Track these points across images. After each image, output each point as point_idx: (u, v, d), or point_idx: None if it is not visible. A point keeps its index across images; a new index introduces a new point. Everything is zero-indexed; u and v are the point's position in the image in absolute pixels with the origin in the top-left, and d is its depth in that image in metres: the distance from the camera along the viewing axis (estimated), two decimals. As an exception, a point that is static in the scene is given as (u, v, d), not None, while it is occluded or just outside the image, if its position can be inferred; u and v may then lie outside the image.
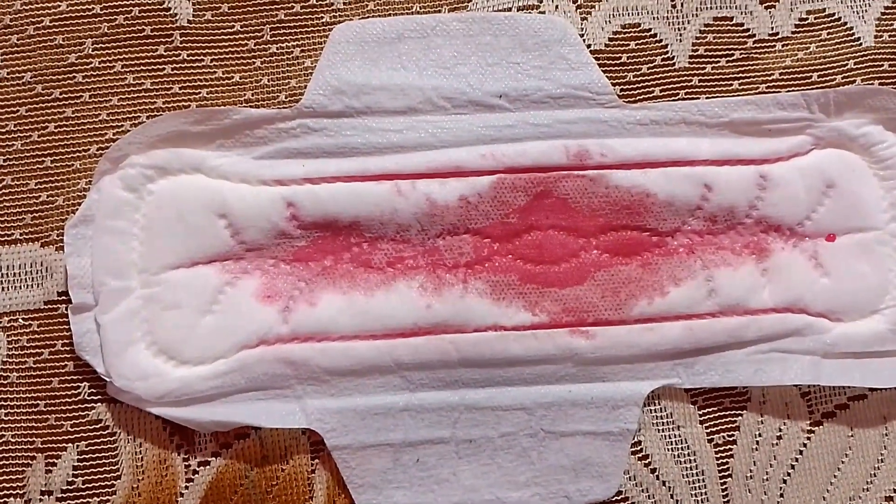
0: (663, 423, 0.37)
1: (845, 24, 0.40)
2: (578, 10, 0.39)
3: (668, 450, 0.37)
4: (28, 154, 0.36)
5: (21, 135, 0.36)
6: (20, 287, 0.36)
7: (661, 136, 0.37)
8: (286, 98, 0.37)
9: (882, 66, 0.39)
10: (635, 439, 0.37)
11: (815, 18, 0.40)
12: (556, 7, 0.39)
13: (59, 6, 0.37)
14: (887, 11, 0.40)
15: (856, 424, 0.38)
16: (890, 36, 0.40)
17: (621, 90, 0.38)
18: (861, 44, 0.40)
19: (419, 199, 0.36)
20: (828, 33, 0.40)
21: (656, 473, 0.37)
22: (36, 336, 0.35)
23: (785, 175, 0.37)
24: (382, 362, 0.36)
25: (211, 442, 0.36)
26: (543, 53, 0.38)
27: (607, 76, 0.38)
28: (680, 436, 0.37)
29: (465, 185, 0.36)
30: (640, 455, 0.37)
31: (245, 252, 0.36)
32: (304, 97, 0.36)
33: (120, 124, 0.37)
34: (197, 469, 0.36)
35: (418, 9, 0.38)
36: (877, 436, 0.38)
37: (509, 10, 0.38)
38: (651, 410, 0.37)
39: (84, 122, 0.36)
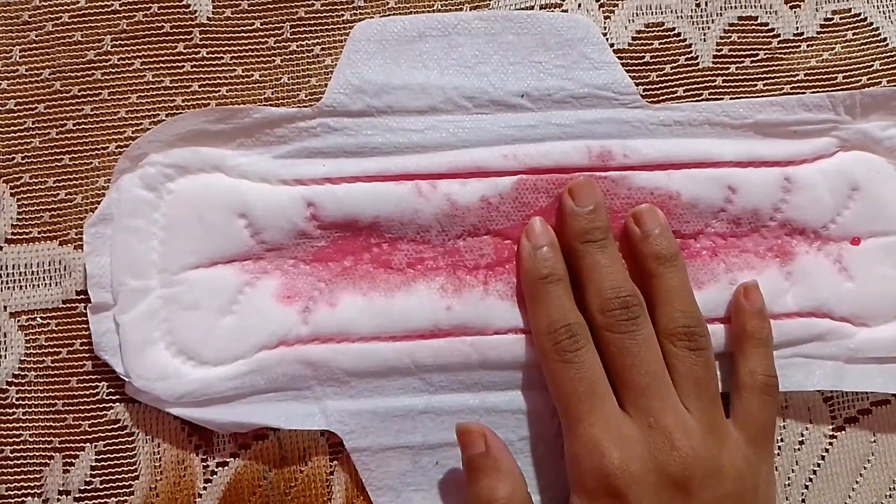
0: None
1: (871, 24, 0.39)
2: (601, 9, 0.38)
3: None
4: (46, 152, 0.36)
5: (39, 132, 0.36)
6: (38, 286, 0.35)
7: (684, 136, 0.37)
8: (306, 97, 0.37)
9: (908, 67, 0.39)
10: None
11: (841, 18, 0.39)
12: (579, 5, 0.38)
13: (79, 3, 0.37)
14: (914, 12, 0.39)
15: (878, 429, 0.38)
16: (917, 37, 0.39)
17: (644, 90, 0.38)
18: (888, 44, 0.39)
19: (440, 199, 0.36)
20: (853, 34, 0.39)
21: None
22: (54, 335, 0.35)
23: (810, 177, 0.37)
24: (402, 364, 0.35)
25: (229, 443, 0.36)
26: (566, 52, 0.37)
27: (630, 76, 0.37)
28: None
29: (486, 186, 0.36)
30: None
31: (265, 252, 0.36)
32: (324, 96, 0.36)
33: (139, 122, 0.36)
34: (215, 470, 0.35)
35: (439, 7, 0.38)
36: (899, 441, 0.38)
37: (532, 8, 0.38)
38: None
39: (103, 120, 0.36)
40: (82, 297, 0.35)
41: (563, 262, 0.35)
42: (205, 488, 0.35)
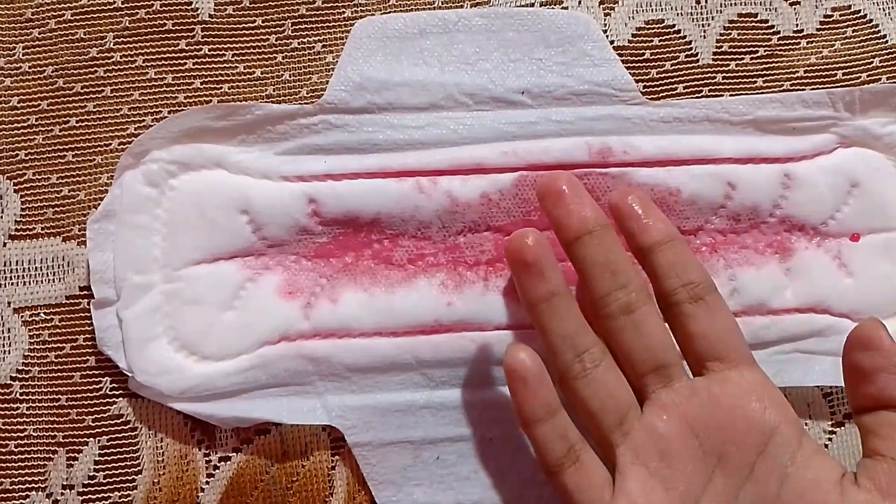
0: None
1: (871, 21, 0.39)
2: (602, 6, 0.39)
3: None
4: (49, 148, 0.36)
5: (42, 129, 0.36)
6: (42, 282, 0.36)
7: (684, 133, 0.37)
8: (307, 93, 0.37)
9: (908, 63, 0.39)
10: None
11: (841, 15, 0.39)
12: (580, 2, 0.38)
13: (81, 0, 0.37)
14: (914, 8, 0.40)
15: (877, 425, 0.38)
16: (917, 33, 0.39)
17: (644, 87, 0.38)
18: (887, 41, 0.39)
19: (440, 196, 0.36)
20: (853, 30, 0.39)
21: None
22: (58, 331, 0.36)
23: (809, 174, 0.37)
24: (403, 359, 0.36)
25: (232, 438, 0.36)
26: (566, 49, 0.37)
27: (630, 73, 0.38)
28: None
29: (486, 183, 0.36)
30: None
31: (267, 248, 0.36)
32: (325, 93, 0.36)
33: (141, 119, 0.36)
34: (217, 464, 0.36)
35: (440, 3, 0.38)
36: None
37: (532, 5, 0.38)
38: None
39: (105, 117, 0.36)
40: (85, 292, 0.36)
41: (560, 276, 0.32)
42: (207, 483, 0.36)
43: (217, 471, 0.36)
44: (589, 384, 0.31)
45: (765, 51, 0.39)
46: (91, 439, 0.35)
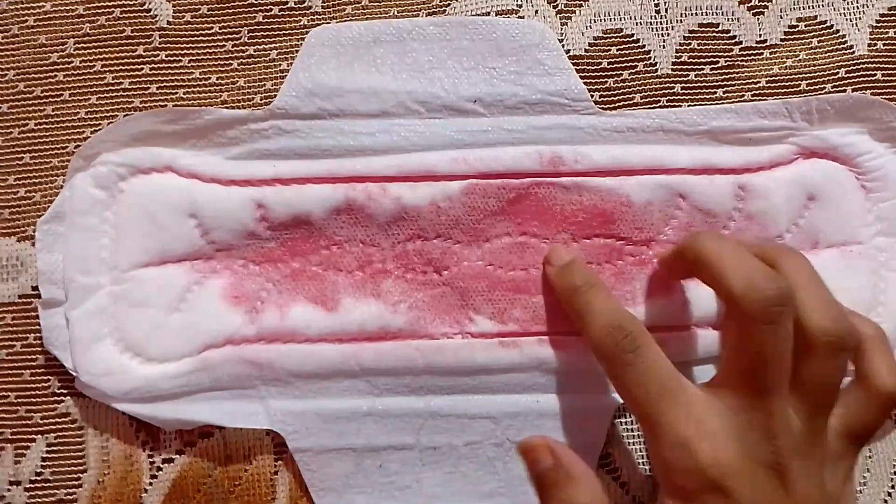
0: (634, 436, 0.37)
1: (838, 31, 0.39)
2: (559, 15, 0.38)
3: (639, 463, 0.36)
4: (8, 150, 0.37)
5: (2, 131, 0.37)
6: (-4, 281, 0.36)
7: (637, 143, 0.37)
8: (261, 100, 0.37)
9: (875, 75, 0.38)
10: (604, 452, 0.36)
11: (806, 26, 0.39)
12: (536, 12, 0.38)
13: (44, 6, 0.38)
14: (882, 19, 0.39)
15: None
16: (885, 45, 0.38)
17: (601, 96, 0.38)
18: (854, 52, 0.38)
19: (389, 202, 0.36)
20: (819, 41, 0.39)
21: (626, 488, 0.36)
22: (9, 329, 0.36)
23: (765, 185, 0.36)
24: (347, 366, 0.35)
25: (175, 440, 0.36)
26: (520, 58, 0.37)
27: (587, 82, 0.37)
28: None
29: (436, 190, 0.36)
30: (608, 468, 0.36)
31: (215, 252, 0.36)
32: (276, 98, 0.36)
33: (98, 123, 0.37)
34: (161, 466, 0.36)
35: (396, 13, 0.38)
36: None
37: (488, 14, 0.38)
38: (622, 423, 0.37)
39: (63, 120, 0.37)
40: (37, 292, 0.36)
41: (591, 271, 0.34)
42: (151, 484, 0.36)
43: (160, 472, 0.36)
44: None
45: (725, 61, 0.38)
46: (39, 437, 0.36)
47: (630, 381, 0.31)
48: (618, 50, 0.38)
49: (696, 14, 0.38)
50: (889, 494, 0.37)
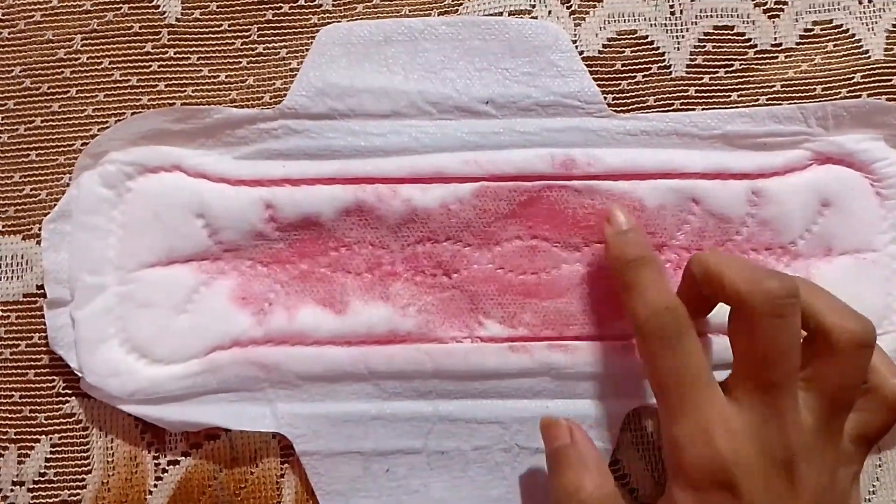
0: (644, 443, 0.36)
1: (853, 35, 0.38)
2: (572, 16, 0.38)
3: (648, 470, 0.36)
4: (14, 147, 0.37)
5: (8, 128, 0.37)
6: (0, 279, 0.36)
7: (651, 147, 0.36)
8: (270, 99, 0.37)
9: (891, 80, 0.38)
10: (613, 458, 0.36)
11: (822, 30, 0.38)
12: (550, 12, 0.38)
13: (51, 2, 0.37)
14: (899, 23, 0.38)
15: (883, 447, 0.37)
16: (901, 49, 0.38)
17: (614, 98, 0.37)
18: (870, 56, 0.38)
19: (400, 204, 0.35)
20: (834, 45, 0.38)
21: (635, 494, 0.36)
22: (14, 328, 0.36)
23: (779, 191, 0.36)
24: (356, 369, 0.35)
25: (181, 441, 0.36)
26: (533, 59, 0.37)
27: (600, 84, 0.37)
28: (660, 456, 0.36)
29: (446, 192, 0.36)
30: (618, 475, 0.36)
31: (222, 252, 0.36)
32: (286, 98, 0.36)
33: (105, 120, 0.37)
34: (166, 468, 0.36)
35: (407, 12, 0.38)
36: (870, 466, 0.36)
37: (501, 14, 0.38)
38: (631, 429, 0.36)
39: (70, 118, 0.37)
40: (43, 291, 0.36)
41: (651, 245, 0.34)
42: (155, 485, 0.35)
43: (166, 474, 0.35)
44: None
45: (740, 64, 0.38)
46: (43, 437, 0.35)
47: (666, 364, 0.30)
48: (632, 52, 0.38)
49: (712, 16, 0.38)
50: (899, 503, 0.37)
